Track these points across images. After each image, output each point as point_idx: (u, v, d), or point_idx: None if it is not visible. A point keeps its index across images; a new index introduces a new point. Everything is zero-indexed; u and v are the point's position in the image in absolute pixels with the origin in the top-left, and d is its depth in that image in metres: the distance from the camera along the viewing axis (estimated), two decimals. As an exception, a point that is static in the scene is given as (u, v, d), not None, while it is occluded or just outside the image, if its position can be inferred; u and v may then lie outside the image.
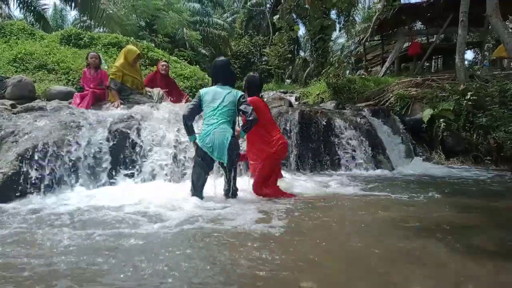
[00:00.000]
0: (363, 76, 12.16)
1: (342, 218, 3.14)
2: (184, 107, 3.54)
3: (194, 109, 3.62)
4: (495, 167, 6.56)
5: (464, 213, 3.34)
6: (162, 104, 5.53)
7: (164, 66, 6.57)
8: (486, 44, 15.42)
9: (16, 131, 4.08)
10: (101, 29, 16.44)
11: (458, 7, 8.54)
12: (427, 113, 7.26)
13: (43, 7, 16.49)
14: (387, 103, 8.33)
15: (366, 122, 6.61)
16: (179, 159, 4.55)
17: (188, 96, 6.95)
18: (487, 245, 2.51)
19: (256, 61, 24.58)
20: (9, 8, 16.69)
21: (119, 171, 4.30)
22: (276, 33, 16.45)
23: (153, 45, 11.76)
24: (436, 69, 18.86)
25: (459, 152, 7.12)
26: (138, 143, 4.50)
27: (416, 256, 2.26)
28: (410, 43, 14.25)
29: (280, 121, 5.76)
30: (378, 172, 5.79)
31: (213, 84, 3.80)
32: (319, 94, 10.91)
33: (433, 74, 10.54)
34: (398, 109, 7.96)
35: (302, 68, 27.89)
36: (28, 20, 15.89)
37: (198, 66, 12.33)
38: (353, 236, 2.60)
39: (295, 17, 23.30)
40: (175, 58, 11.40)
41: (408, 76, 10.26)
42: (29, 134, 4.01)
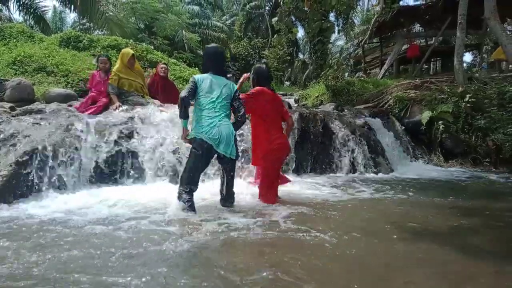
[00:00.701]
0: (362, 78, 12.17)
1: (341, 221, 3.14)
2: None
3: (192, 93, 3.33)
4: (494, 169, 6.57)
5: (464, 215, 3.35)
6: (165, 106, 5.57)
7: (163, 69, 6.57)
8: (485, 47, 15.40)
9: (15, 134, 4.07)
10: (100, 32, 16.45)
11: (457, 10, 8.57)
12: (426, 115, 7.27)
13: (43, 10, 16.48)
14: (386, 105, 8.34)
15: (365, 124, 6.62)
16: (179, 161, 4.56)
17: None
18: (487, 247, 2.52)
19: (255, 63, 24.59)
20: (10, 11, 16.67)
21: (119, 173, 4.30)
22: (275, 35, 16.50)
23: (152, 48, 11.78)
24: (435, 71, 18.89)
25: (458, 154, 7.13)
26: (138, 145, 4.50)
27: (416, 258, 2.26)
28: (409, 46, 14.29)
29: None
30: (377, 175, 5.79)
31: (204, 72, 3.50)
32: (318, 96, 10.92)
33: (432, 76, 10.57)
34: (397, 111, 7.97)
35: (301, 70, 27.97)
36: (28, 23, 15.90)
37: (197, 69, 12.33)
38: (353, 239, 2.60)
39: (294, 20, 23.35)
40: (174, 61, 11.42)
41: (407, 78, 10.28)
42: (28, 137, 4.00)
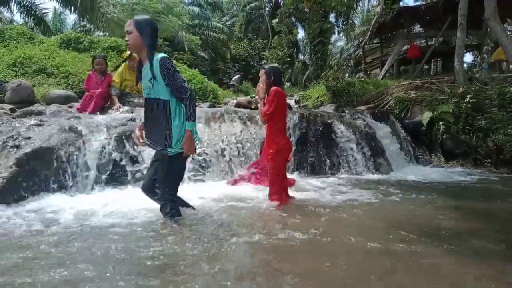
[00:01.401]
0: (362, 79, 12.16)
1: (341, 223, 3.14)
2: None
3: None
4: (495, 170, 6.56)
5: (464, 216, 3.34)
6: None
7: None
8: (485, 47, 15.45)
9: (16, 136, 4.07)
10: (101, 33, 16.47)
11: (457, 10, 8.57)
12: (427, 116, 7.26)
13: (43, 11, 16.51)
14: (387, 106, 8.33)
15: (366, 125, 6.62)
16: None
17: None
18: (488, 248, 2.51)
19: (255, 64, 24.60)
20: (12, 13, 16.76)
21: (120, 175, 4.30)
22: (275, 36, 16.52)
23: (153, 49, 11.75)
24: (435, 72, 18.88)
25: (459, 155, 7.12)
26: (138, 147, 4.50)
27: (416, 260, 2.25)
28: (409, 46, 14.28)
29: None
30: (378, 175, 5.79)
31: (154, 50, 2.86)
32: (319, 97, 10.91)
33: (432, 77, 10.55)
34: (398, 112, 7.96)
35: (302, 71, 27.96)
36: (28, 25, 15.92)
37: (197, 70, 12.34)
38: (353, 241, 2.59)
39: (294, 21, 23.38)
40: (175, 62, 11.41)
41: (407, 79, 10.26)
42: (28, 139, 4.00)
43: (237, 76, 20.71)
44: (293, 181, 4.44)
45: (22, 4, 15.47)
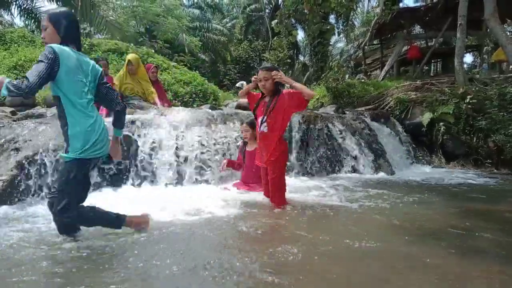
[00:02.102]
0: (363, 80, 12.16)
1: (341, 223, 3.14)
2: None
3: (46, 76, 2.30)
4: (496, 170, 6.55)
5: (465, 217, 3.34)
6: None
7: (154, 73, 6.54)
8: (485, 48, 15.43)
9: (16, 139, 4.08)
10: (101, 36, 16.51)
11: (457, 11, 8.58)
12: (427, 117, 7.27)
13: (44, 14, 16.56)
14: (387, 107, 8.34)
15: (366, 126, 6.62)
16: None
17: (172, 104, 6.90)
18: (489, 249, 2.51)
19: (256, 66, 24.65)
20: (13, 16, 16.84)
21: (120, 177, 4.31)
22: (275, 38, 16.53)
23: (153, 51, 11.81)
24: (435, 73, 18.87)
25: (459, 156, 7.12)
26: (139, 149, 4.51)
27: (416, 260, 2.25)
28: (409, 47, 14.29)
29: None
30: (378, 176, 5.78)
31: (62, 43, 2.44)
32: (319, 99, 10.92)
33: (432, 78, 10.55)
34: (398, 113, 7.96)
35: (302, 73, 27.95)
36: (29, 27, 15.96)
37: (198, 72, 12.36)
38: (354, 241, 2.59)
39: (294, 22, 23.43)
40: (175, 64, 11.44)
41: (408, 80, 10.28)
42: (29, 142, 4.01)
43: (243, 82, 20.85)
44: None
45: (23, 7, 15.53)
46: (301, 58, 32.44)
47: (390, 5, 12.09)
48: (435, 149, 7.33)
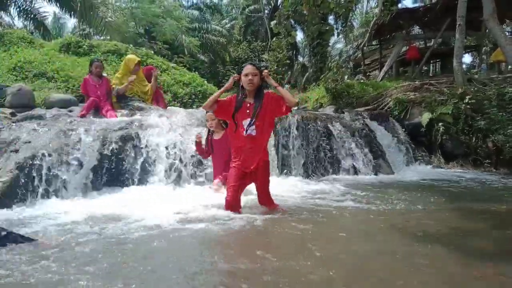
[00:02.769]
0: (362, 81, 12.17)
1: (342, 224, 3.14)
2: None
3: None
4: (495, 170, 6.56)
5: (465, 217, 3.34)
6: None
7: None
8: (484, 48, 15.44)
9: (16, 140, 4.08)
10: (101, 37, 16.52)
11: (455, 12, 8.59)
12: (426, 117, 7.27)
13: (43, 15, 16.54)
14: (386, 108, 8.34)
15: (365, 127, 6.63)
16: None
17: (168, 106, 6.85)
18: (489, 249, 2.51)
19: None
20: (12, 17, 16.82)
21: (120, 179, 4.31)
22: (274, 39, 16.53)
23: (152, 52, 11.80)
24: (434, 73, 18.88)
25: (459, 156, 7.12)
26: (138, 150, 4.51)
27: (416, 261, 2.25)
28: (408, 48, 14.31)
29: (279, 126, 5.77)
30: (378, 177, 5.80)
31: None
32: (318, 99, 10.92)
33: (431, 78, 10.56)
34: (397, 114, 7.97)
35: (301, 74, 27.99)
36: (28, 29, 15.96)
37: (197, 73, 12.36)
38: (354, 242, 2.60)
39: (293, 23, 23.45)
40: (174, 65, 11.43)
41: (407, 80, 10.27)
42: (29, 143, 4.01)
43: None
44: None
45: (22, 8, 15.52)
46: (300, 59, 32.48)
47: (389, 6, 12.11)
48: (434, 149, 7.34)
